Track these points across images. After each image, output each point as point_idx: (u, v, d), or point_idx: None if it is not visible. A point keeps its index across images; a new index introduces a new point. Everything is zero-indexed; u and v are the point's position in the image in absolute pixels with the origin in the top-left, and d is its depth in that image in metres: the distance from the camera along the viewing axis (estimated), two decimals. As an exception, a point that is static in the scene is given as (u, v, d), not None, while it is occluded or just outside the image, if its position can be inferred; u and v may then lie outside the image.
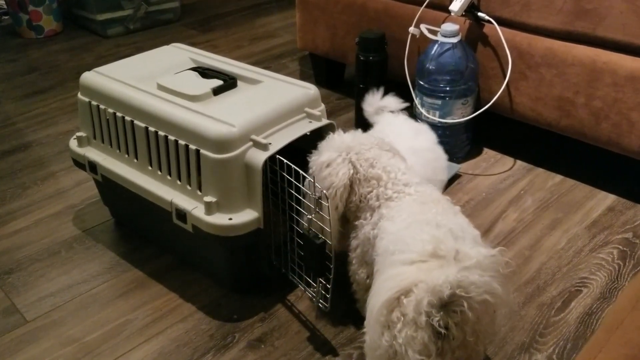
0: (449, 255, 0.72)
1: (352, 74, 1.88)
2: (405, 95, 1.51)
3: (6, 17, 2.52)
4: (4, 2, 2.50)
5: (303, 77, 1.99)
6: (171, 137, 1.03)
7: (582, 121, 1.34)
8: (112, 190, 1.18)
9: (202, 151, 0.99)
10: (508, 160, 1.53)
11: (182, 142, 1.02)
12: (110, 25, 2.34)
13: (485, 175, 1.48)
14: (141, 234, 1.26)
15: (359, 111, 1.66)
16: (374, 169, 0.94)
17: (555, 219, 1.32)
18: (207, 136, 0.97)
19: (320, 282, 0.99)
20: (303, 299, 1.11)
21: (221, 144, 0.97)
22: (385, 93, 1.33)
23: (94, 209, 1.37)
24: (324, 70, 1.89)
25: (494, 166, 1.51)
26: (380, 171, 0.93)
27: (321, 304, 1.02)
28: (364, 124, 1.67)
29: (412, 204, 0.88)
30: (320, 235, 0.94)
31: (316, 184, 0.92)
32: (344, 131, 1.01)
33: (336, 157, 0.95)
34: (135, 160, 1.12)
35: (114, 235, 1.29)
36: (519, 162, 1.52)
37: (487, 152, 1.56)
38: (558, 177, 1.46)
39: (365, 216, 0.94)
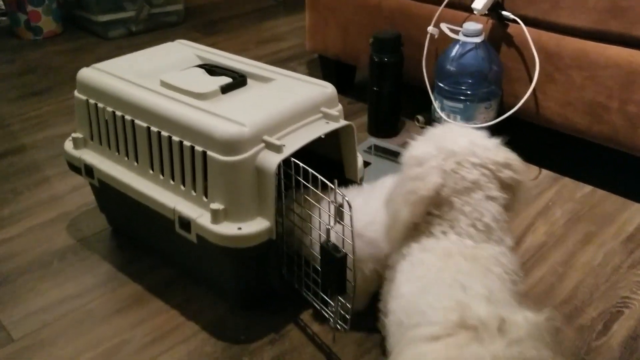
0: (490, 325, 0.57)
1: (363, 77, 1.80)
2: (422, 99, 1.43)
3: (4, 18, 2.43)
4: (1, 2, 2.42)
5: (312, 81, 1.90)
6: (175, 138, 0.94)
7: (616, 127, 1.25)
8: (109, 196, 1.09)
9: (209, 153, 0.89)
10: (533, 169, 1.43)
11: (187, 143, 0.92)
12: (111, 27, 2.26)
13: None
14: (140, 243, 1.17)
15: (373, 116, 1.57)
16: (458, 199, 0.75)
17: (588, 233, 1.22)
18: (214, 136, 0.88)
19: (339, 300, 0.89)
20: (318, 319, 1.01)
21: (230, 145, 0.87)
22: (401, 96, 1.24)
23: (90, 216, 1.27)
24: (334, 74, 1.80)
25: (518, 175, 1.41)
26: (461, 208, 0.74)
27: (339, 325, 0.92)
28: (377, 130, 1.58)
29: (434, 256, 0.74)
30: (340, 248, 0.84)
31: (338, 190, 0.82)
32: (461, 124, 0.85)
33: (431, 158, 0.76)
34: (136, 164, 1.02)
35: (110, 245, 1.19)
36: (544, 171, 1.42)
37: (510, 160, 1.46)
38: (587, 188, 1.36)
39: (407, 245, 0.78)
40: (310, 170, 0.87)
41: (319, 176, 0.86)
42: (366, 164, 1.40)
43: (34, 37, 2.26)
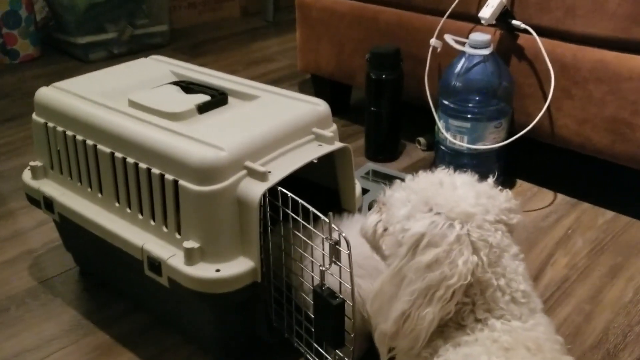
0: None
1: (359, 97, 1.68)
2: (425, 119, 1.31)
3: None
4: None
5: (305, 102, 1.78)
6: (142, 165, 0.80)
7: (641, 146, 1.12)
8: (73, 232, 0.95)
9: (181, 182, 0.76)
10: (547, 194, 1.30)
11: (155, 170, 0.79)
12: (92, 50, 2.14)
13: (522, 211, 1.24)
14: (109, 286, 1.02)
15: (370, 138, 1.45)
16: (489, 274, 0.59)
17: (614, 265, 1.09)
18: (187, 162, 0.75)
19: (337, 354, 0.75)
20: (312, 372, 0.87)
21: (206, 173, 0.74)
22: (402, 117, 1.11)
23: (56, 254, 1.13)
24: (328, 94, 1.68)
25: (531, 201, 1.29)
26: (495, 283, 0.59)
27: (337, 382, 0.77)
28: (375, 154, 1.46)
29: (485, 352, 0.57)
30: (337, 294, 0.70)
31: (333, 225, 0.68)
32: (451, 170, 0.65)
33: (445, 230, 0.58)
34: (100, 195, 0.89)
35: (76, 287, 1.05)
36: (560, 196, 1.29)
37: (522, 185, 1.34)
38: (609, 214, 1.23)
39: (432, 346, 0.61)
40: (300, 201, 0.73)
41: (311, 208, 0.72)
42: (364, 191, 1.27)
43: (9, 61, 2.14)
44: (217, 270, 0.75)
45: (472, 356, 0.56)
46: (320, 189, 0.95)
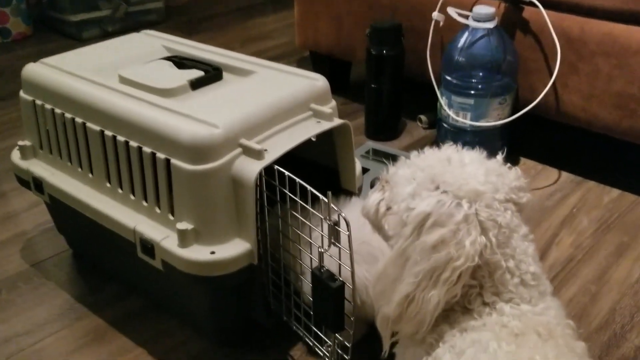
0: None
1: (359, 74, 1.63)
2: (426, 96, 1.27)
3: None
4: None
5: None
6: (133, 143, 0.77)
7: (650, 122, 1.09)
8: (64, 214, 0.92)
9: (174, 161, 0.73)
10: (551, 172, 1.27)
11: (147, 149, 0.76)
12: (85, 28, 2.09)
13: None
14: (103, 268, 1.00)
15: (371, 116, 1.41)
16: (498, 255, 0.55)
17: (620, 244, 1.06)
18: (179, 140, 0.72)
19: (337, 338, 0.73)
20: (312, 354, 0.84)
21: (199, 151, 0.71)
22: (403, 94, 1.07)
23: (48, 237, 1.10)
24: (327, 71, 1.64)
25: (535, 179, 1.26)
26: (504, 265, 0.56)
27: (337, 367, 0.75)
28: (376, 132, 1.43)
29: (494, 337, 0.54)
30: (336, 276, 0.67)
31: (332, 205, 0.65)
32: (460, 146, 0.61)
33: (455, 210, 0.55)
34: (90, 176, 0.86)
35: (69, 270, 1.02)
36: (565, 174, 1.26)
37: (526, 163, 1.31)
38: (615, 192, 1.21)
39: (441, 331, 0.58)
40: (298, 180, 0.70)
41: (309, 187, 0.69)
42: (364, 170, 1.24)
43: (1, 40, 2.09)
44: (212, 253, 0.73)
45: (480, 342, 0.53)
46: (319, 168, 0.92)
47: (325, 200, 0.66)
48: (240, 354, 0.85)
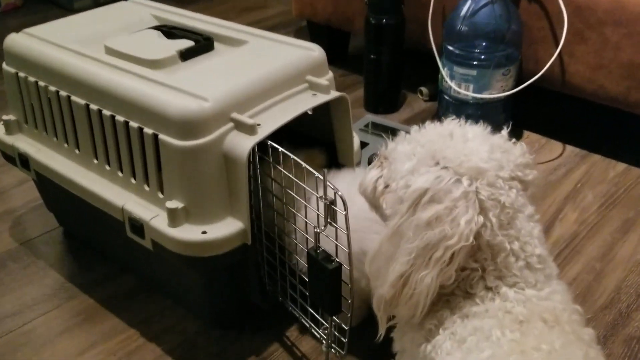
0: None
1: (358, 44, 1.59)
2: (427, 67, 1.23)
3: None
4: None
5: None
6: (119, 118, 0.73)
7: (659, 94, 1.05)
8: (52, 191, 0.89)
9: (162, 137, 0.69)
10: (556, 146, 1.24)
11: (134, 124, 0.72)
12: (77, -3, 2.03)
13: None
14: (94, 247, 0.97)
15: (370, 88, 1.37)
16: (501, 237, 0.52)
17: (626, 220, 1.03)
18: (167, 115, 0.68)
19: (334, 320, 0.70)
20: (308, 336, 0.82)
21: (188, 126, 0.67)
22: (403, 65, 1.03)
23: (38, 214, 1.07)
24: (325, 42, 1.59)
25: (539, 153, 1.22)
26: (507, 247, 0.52)
27: (334, 349, 0.73)
28: (375, 105, 1.39)
29: (498, 324, 0.50)
30: (333, 257, 0.64)
31: (329, 183, 0.62)
32: (463, 120, 0.58)
33: (452, 185, 0.52)
34: (77, 152, 0.82)
35: (60, 248, 0.99)
36: (569, 148, 1.23)
37: (530, 136, 1.27)
38: (621, 166, 1.17)
39: (437, 317, 0.55)
40: (292, 156, 0.67)
41: (304, 164, 0.66)
42: (363, 144, 1.20)
43: (-9, 10, 2.03)
44: (204, 232, 0.70)
45: (483, 330, 0.51)
46: (316, 143, 0.88)
47: (321, 177, 0.62)
48: (235, 335, 0.83)
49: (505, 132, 0.57)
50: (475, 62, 1.13)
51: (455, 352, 0.51)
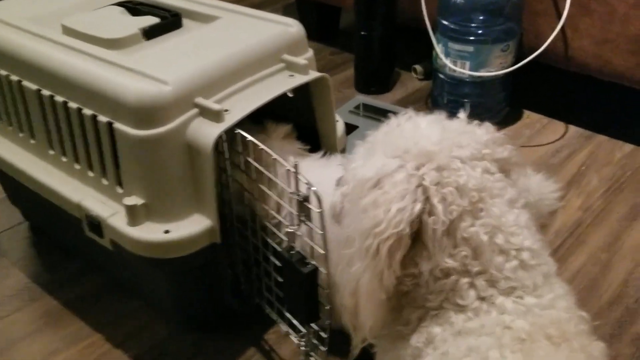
0: None
1: (350, 21, 1.50)
2: (422, 44, 1.15)
3: None
4: None
5: (289, 28, 1.61)
6: (72, 104, 0.66)
7: (670, 69, 0.97)
8: (13, 183, 0.81)
9: (117, 125, 0.62)
10: (558, 126, 1.17)
11: (87, 111, 0.65)
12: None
13: (530, 146, 1.12)
14: (61, 244, 0.90)
15: (361, 67, 1.29)
16: (477, 228, 0.46)
17: (634, 205, 0.97)
18: (121, 100, 0.61)
19: (311, 327, 0.63)
20: (288, 340, 0.75)
21: (145, 113, 0.60)
22: (396, 42, 0.95)
23: (2, 207, 1.00)
24: (315, 18, 1.51)
25: (540, 134, 1.15)
26: (489, 242, 0.47)
27: (313, 358, 0.66)
28: (366, 85, 1.31)
29: (496, 344, 0.44)
30: (307, 260, 0.57)
31: (300, 176, 0.55)
32: (417, 111, 0.53)
33: (394, 171, 0.48)
34: (32, 141, 0.75)
35: (24, 245, 0.92)
36: (572, 128, 1.16)
37: (531, 116, 1.20)
38: (628, 147, 1.10)
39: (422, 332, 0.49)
40: (261, 146, 0.60)
41: (274, 155, 0.59)
42: (352, 127, 1.13)
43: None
44: (166, 232, 0.63)
45: (479, 350, 0.44)
46: (298, 128, 0.80)
47: (292, 169, 0.55)
48: (209, 340, 0.76)
49: (463, 114, 0.51)
50: (471, 38, 1.05)
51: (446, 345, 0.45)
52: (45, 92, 0.68)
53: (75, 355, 0.75)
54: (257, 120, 0.70)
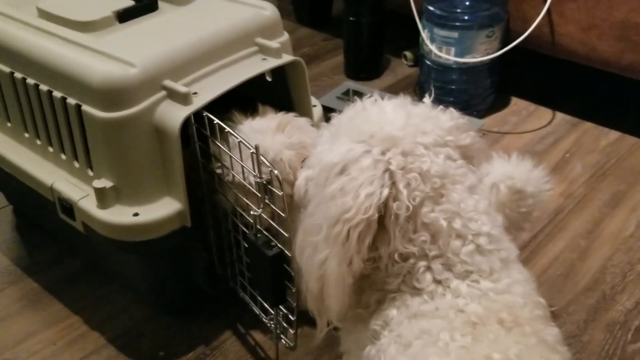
0: None
1: (342, 8, 1.50)
2: (413, 29, 1.14)
3: None
4: None
5: (280, 15, 1.60)
6: (43, 87, 0.66)
7: (655, 56, 0.97)
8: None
9: (85, 107, 0.62)
10: (545, 113, 1.16)
11: (57, 93, 0.65)
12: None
13: (516, 133, 1.11)
14: (42, 227, 0.91)
15: (350, 53, 1.29)
16: (436, 213, 0.46)
17: (616, 193, 0.97)
18: (88, 82, 0.61)
19: (280, 310, 0.64)
20: (262, 323, 0.76)
21: (112, 95, 0.60)
22: (385, 28, 0.94)
23: (-13, 190, 1.01)
24: (308, 4, 1.50)
25: (527, 121, 1.14)
26: (447, 226, 0.47)
27: (283, 340, 0.66)
28: (356, 71, 1.31)
29: (447, 327, 0.44)
30: (274, 242, 0.58)
31: (263, 158, 0.55)
32: (382, 96, 0.52)
33: (360, 156, 0.47)
34: (8, 124, 0.75)
35: (8, 228, 0.93)
36: (559, 115, 1.15)
37: (517, 103, 1.19)
38: (614, 134, 1.10)
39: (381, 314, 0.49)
40: (227, 129, 0.60)
41: (240, 137, 0.59)
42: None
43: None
44: (136, 215, 0.63)
45: (431, 333, 0.44)
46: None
47: (254, 151, 0.55)
48: (186, 322, 0.77)
49: (428, 100, 0.51)
50: (457, 24, 1.05)
51: (399, 357, 0.45)
52: (18, 75, 0.69)
53: (54, 336, 0.76)
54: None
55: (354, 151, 0.46)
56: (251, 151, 0.55)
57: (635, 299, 0.79)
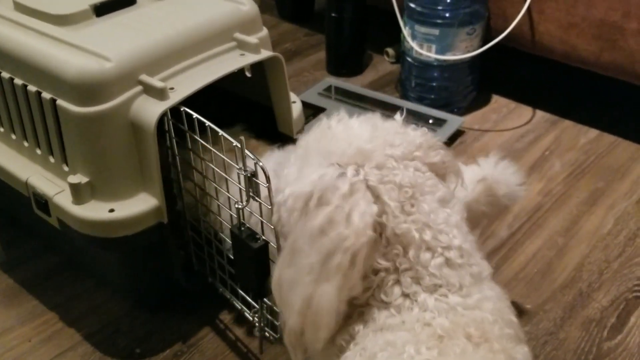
0: None
1: (324, 3, 1.49)
2: (394, 26, 1.15)
3: None
4: None
5: (263, 10, 1.59)
6: (17, 81, 0.65)
7: (633, 54, 0.98)
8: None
9: (60, 102, 0.61)
10: (525, 111, 1.17)
11: (32, 87, 0.64)
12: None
13: (496, 130, 1.12)
14: (20, 222, 0.90)
15: (332, 50, 1.28)
16: (408, 225, 0.45)
17: (594, 191, 0.97)
18: (64, 76, 0.60)
19: (264, 302, 0.63)
20: (242, 320, 0.76)
21: (87, 90, 0.59)
22: (367, 24, 0.94)
23: (-37, 185, 0.99)
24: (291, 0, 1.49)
25: (507, 118, 1.15)
26: (418, 239, 0.46)
27: (267, 333, 0.66)
28: (338, 67, 1.30)
29: (412, 340, 0.43)
30: (258, 234, 0.57)
31: (248, 152, 0.55)
32: (347, 113, 0.51)
33: (336, 181, 0.45)
34: (-17, 119, 0.74)
35: (-18, 224, 0.92)
36: (539, 113, 1.16)
37: (498, 100, 1.20)
38: (593, 132, 1.10)
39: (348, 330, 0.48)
40: (207, 123, 0.59)
41: (220, 132, 0.58)
42: (320, 110, 1.12)
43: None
44: (111, 210, 0.62)
45: (395, 345, 0.43)
46: (259, 109, 0.80)
47: (238, 145, 0.55)
48: (164, 319, 0.76)
49: (399, 117, 0.51)
50: (438, 21, 1.05)
51: (369, 341, 0.45)
52: (-8, 69, 0.68)
53: (30, 332, 0.75)
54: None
55: (328, 176, 0.45)
56: (234, 144, 0.55)
57: (611, 297, 0.80)
